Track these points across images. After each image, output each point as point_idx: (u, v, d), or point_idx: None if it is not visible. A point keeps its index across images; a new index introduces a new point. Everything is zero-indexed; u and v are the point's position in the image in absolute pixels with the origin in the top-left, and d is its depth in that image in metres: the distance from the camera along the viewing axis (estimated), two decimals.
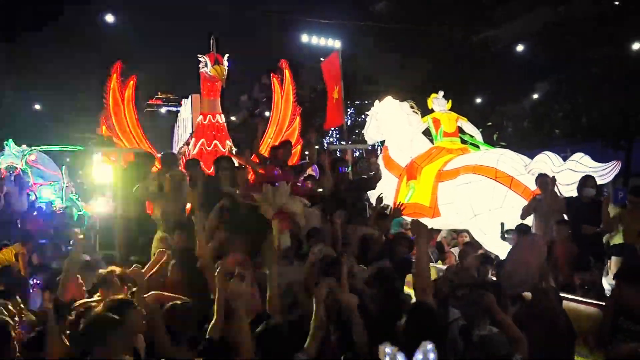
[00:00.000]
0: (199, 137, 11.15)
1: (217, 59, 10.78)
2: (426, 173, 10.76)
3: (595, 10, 20.73)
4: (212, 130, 11.09)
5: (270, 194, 6.06)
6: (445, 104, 12.13)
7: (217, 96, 11.26)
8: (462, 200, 9.61)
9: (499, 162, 9.49)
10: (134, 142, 10.84)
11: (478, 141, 12.10)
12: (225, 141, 11.14)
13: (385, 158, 12.26)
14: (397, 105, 12.32)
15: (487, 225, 9.20)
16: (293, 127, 11.81)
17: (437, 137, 11.72)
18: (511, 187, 9.14)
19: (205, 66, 10.85)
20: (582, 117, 22.78)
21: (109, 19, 18.32)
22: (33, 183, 21.34)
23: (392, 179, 11.78)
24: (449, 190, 10.03)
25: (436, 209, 10.37)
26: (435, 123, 11.82)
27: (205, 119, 11.14)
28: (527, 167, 9.11)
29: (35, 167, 22.02)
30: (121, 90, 10.92)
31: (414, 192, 10.92)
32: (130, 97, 11.03)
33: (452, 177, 10.02)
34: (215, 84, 11.05)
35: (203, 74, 11.01)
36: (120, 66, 10.89)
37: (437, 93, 12.33)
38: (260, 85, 31.64)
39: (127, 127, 10.96)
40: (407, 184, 11.19)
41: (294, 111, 11.94)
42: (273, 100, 12.25)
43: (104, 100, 10.86)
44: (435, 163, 10.78)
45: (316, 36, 17.93)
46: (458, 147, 11.37)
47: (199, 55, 10.98)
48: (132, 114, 11.04)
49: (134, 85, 11.11)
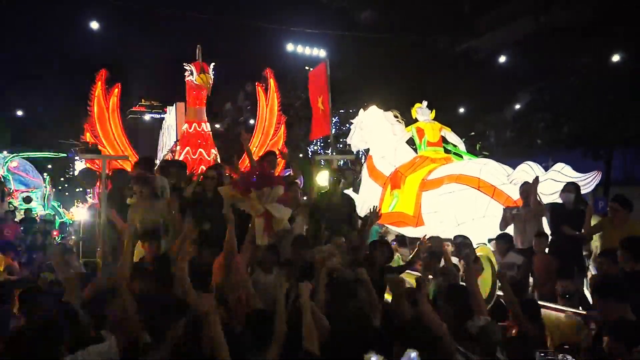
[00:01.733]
0: (184, 145, 11.17)
1: (202, 67, 10.81)
2: (410, 182, 10.82)
3: (576, 21, 20.98)
4: (197, 138, 11.12)
5: (266, 194, 6.10)
6: (429, 114, 12.20)
7: (203, 104, 11.29)
8: (445, 209, 9.68)
9: (482, 171, 9.59)
10: (119, 149, 10.82)
11: (461, 151, 12.20)
12: (211, 150, 11.16)
13: (369, 167, 12.32)
14: (382, 114, 12.39)
15: (470, 234, 9.29)
16: (278, 136, 11.85)
17: (421, 147, 11.80)
18: (494, 196, 9.24)
19: (191, 75, 10.88)
20: (563, 126, 23.05)
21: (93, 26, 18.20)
22: (14, 190, 21.17)
23: (376, 187, 11.85)
24: (433, 199, 10.10)
25: (420, 218, 10.44)
26: (419, 132, 11.90)
27: (191, 127, 11.16)
28: (510, 176, 9.22)
29: (17, 174, 21.87)
30: (106, 98, 10.90)
31: (398, 201, 10.99)
32: (115, 105, 11.02)
33: (436, 187, 10.10)
34: (201, 93, 11.09)
35: (189, 83, 11.03)
36: (105, 74, 10.88)
37: (420, 102, 12.42)
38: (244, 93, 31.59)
39: (111, 135, 10.94)
40: (391, 193, 11.25)
41: (278, 119, 11.98)
42: (258, 109, 12.27)
43: (89, 107, 10.83)
44: (419, 172, 10.85)
45: (301, 45, 18.04)
46: (442, 156, 11.46)
47: (184, 64, 11.01)
48: (117, 121, 11.04)
49: (119, 93, 11.10)
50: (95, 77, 10.75)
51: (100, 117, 10.80)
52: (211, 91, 11.04)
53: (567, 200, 8.07)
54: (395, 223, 11.27)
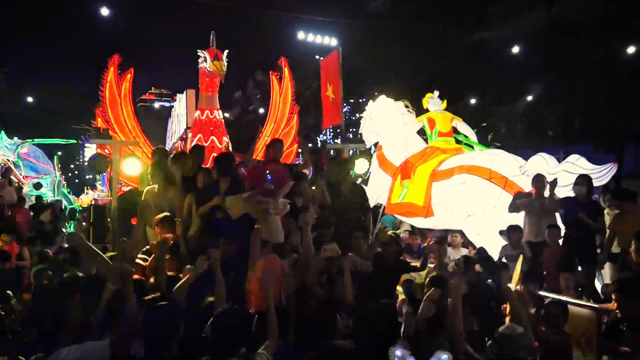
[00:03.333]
0: (196, 133, 11.16)
1: (216, 54, 10.78)
2: (420, 173, 10.77)
3: (589, 13, 20.82)
4: (209, 125, 11.10)
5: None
6: (441, 104, 12.13)
7: (216, 92, 11.25)
8: (456, 200, 9.63)
9: (493, 162, 9.53)
10: (130, 136, 10.81)
11: (473, 142, 12.13)
12: (222, 137, 11.14)
13: (379, 157, 12.27)
14: (392, 104, 12.32)
15: (481, 226, 9.25)
16: (290, 126, 11.79)
17: (432, 137, 11.73)
18: (505, 188, 9.18)
19: (204, 61, 10.85)
20: (575, 119, 22.91)
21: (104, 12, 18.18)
22: (25, 176, 21.27)
23: (386, 178, 11.81)
24: (443, 190, 10.05)
25: (430, 208, 10.39)
26: (430, 123, 11.83)
27: (203, 115, 11.14)
28: (522, 168, 9.17)
29: (28, 160, 21.96)
30: (118, 83, 10.88)
31: (408, 192, 10.94)
32: (127, 91, 10.99)
33: (447, 177, 10.04)
34: (214, 80, 11.05)
35: (202, 69, 11.00)
36: (118, 59, 10.83)
37: (432, 93, 12.35)
38: (254, 82, 31.53)
39: (123, 120, 10.93)
40: (400, 184, 11.20)
41: (291, 109, 11.91)
42: (271, 98, 12.21)
43: (100, 93, 10.81)
44: (429, 163, 10.79)
45: (312, 33, 17.96)
46: (453, 147, 11.39)
47: (198, 50, 10.98)
48: (129, 107, 11.01)
49: (132, 78, 11.07)
50: (108, 63, 10.75)
51: (112, 102, 10.77)
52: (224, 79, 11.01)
53: (579, 193, 8.05)
54: (405, 214, 11.24)
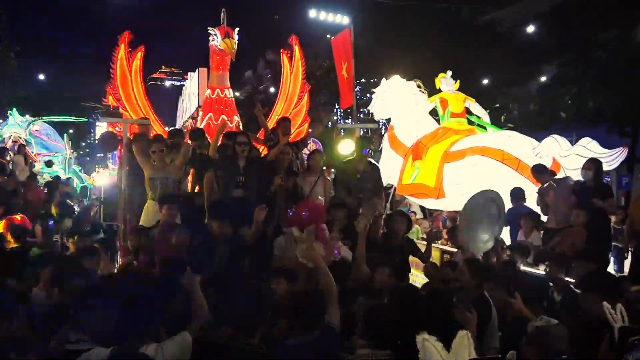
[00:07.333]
0: (207, 111, 11.08)
1: (227, 32, 10.67)
2: (432, 153, 10.72)
3: None
4: (220, 104, 11.01)
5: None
6: (453, 84, 12.05)
7: (226, 70, 11.15)
8: (468, 181, 9.58)
9: (506, 144, 9.48)
10: (141, 113, 10.76)
11: (485, 122, 12.05)
12: (233, 116, 11.08)
13: (390, 137, 12.22)
14: (404, 84, 12.25)
15: None
16: (301, 105, 11.71)
17: (444, 118, 11.67)
18: (518, 169, 9.15)
19: (215, 39, 10.75)
20: (588, 101, 22.67)
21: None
22: (36, 153, 21.33)
23: (397, 158, 11.76)
24: (455, 171, 10.02)
25: (441, 190, 10.36)
26: (442, 103, 11.76)
27: (214, 93, 11.05)
28: (535, 149, 9.10)
29: (39, 137, 22.02)
30: (129, 60, 10.81)
31: (419, 173, 10.90)
32: (138, 68, 10.92)
33: (459, 158, 10.00)
34: (225, 58, 10.95)
35: (212, 47, 10.89)
36: (128, 36, 10.75)
37: (445, 73, 12.25)
38: (265, 62, 31.34)
39: (134, 98, 10.88)
40: (412, 164, 11.17)
41: (302, 88, 11.82)
42: (282, 77, 12.11)
43: (111, 70, 10.75)
44: (441, 144, 10.74)
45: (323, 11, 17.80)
46: (465, 128, 11.32)
47: (209, 28, 10.86)
48: (140, 85, 10.92)
49: (142, 56, 11.00)
50: (119, 40, 10.67)
51: (123, 80, 10.69)
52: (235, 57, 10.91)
53: (586, 177, 7.99)
54: (416, 194, 11.22)
